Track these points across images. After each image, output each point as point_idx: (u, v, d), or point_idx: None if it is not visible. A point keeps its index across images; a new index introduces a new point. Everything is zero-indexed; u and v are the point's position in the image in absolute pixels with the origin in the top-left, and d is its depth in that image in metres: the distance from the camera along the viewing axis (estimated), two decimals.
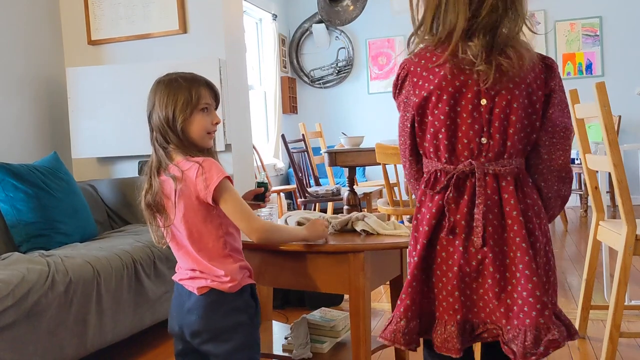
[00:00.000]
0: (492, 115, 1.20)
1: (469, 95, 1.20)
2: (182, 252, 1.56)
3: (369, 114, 6.95)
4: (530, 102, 1.21)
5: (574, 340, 1.36)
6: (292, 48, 7.17)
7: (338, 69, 7.08)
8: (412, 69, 1.26)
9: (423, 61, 1.25)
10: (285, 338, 2.14)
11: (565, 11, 6.30)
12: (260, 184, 1.73)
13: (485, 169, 1.21)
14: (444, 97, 1.21)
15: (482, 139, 1.21)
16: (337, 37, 7.07)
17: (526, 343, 1.16)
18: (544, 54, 1.29)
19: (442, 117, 1.22)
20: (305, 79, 7.20)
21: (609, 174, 2.15)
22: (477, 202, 1.20)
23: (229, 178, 1.50)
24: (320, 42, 7.05)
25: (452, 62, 1.20)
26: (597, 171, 2.41)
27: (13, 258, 2.25)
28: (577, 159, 5.51)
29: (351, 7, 6.52)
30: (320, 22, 6.89)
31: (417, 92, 1.25)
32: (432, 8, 1.23)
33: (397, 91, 1.32)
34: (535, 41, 1.19)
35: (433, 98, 1.22)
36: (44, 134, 3.69)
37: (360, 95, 7.02)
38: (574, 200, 6.28)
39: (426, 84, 1.23)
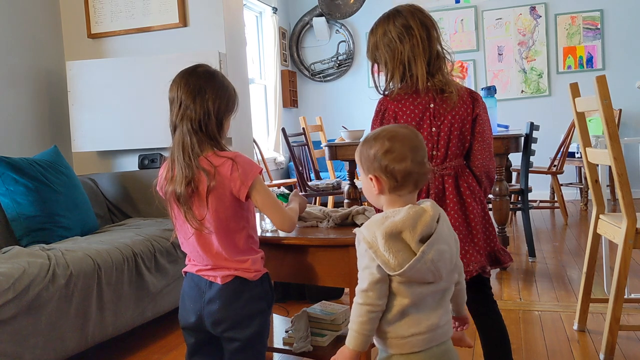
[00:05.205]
0: (439, 136, 1.70)
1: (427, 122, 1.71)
2: (203, 246, 1.54)
3: (370, 107, 6.92)
4: (463, 124, 1.69)
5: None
6: (292, 41, 7.15)
7: (338, 62, 7.07)
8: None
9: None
10: (286, 331, 2.15)
11: (566, 4, 6.28)
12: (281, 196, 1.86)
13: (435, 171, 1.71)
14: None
15: (433, 151, 1.70)
16: (337, 30, 7.06)
17: None
18: (545, 47, 1.40)
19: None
20: (306, 72, 7.19)
21: (609, 167, 2.15)
22: (430, 192, 1.70)
23: (260, 172, 1.54)
24: (321, 36, 7.03)
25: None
26: (597, 164, 2.41)
27: (14, 252, 2.25)
28: (577, 153, 5.50)
29: (352, 1, 6.50)
30: (320, 15, 6.87)
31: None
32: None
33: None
34: (537, 34, 1.33)
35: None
36: (44, 127, 3.69)
37: (360, 88, 7.00)
38: (574, 194, 6.28)
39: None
